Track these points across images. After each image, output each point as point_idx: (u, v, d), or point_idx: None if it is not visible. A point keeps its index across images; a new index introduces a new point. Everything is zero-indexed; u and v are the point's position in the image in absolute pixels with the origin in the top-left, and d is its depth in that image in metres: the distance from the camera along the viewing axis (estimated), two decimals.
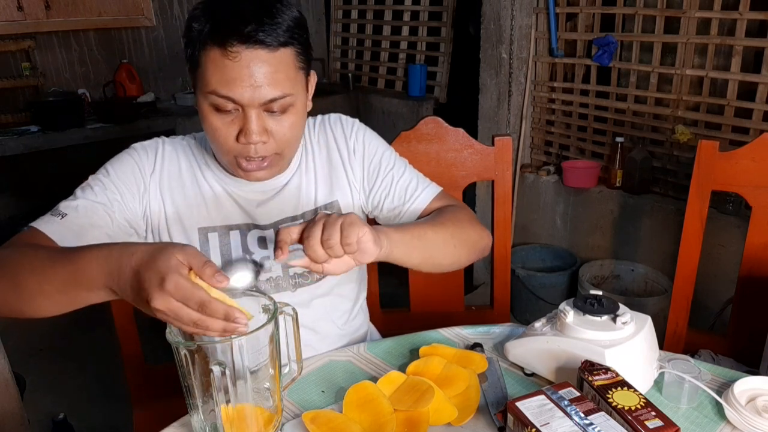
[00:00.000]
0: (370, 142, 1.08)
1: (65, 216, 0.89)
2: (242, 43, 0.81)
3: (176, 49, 3.43)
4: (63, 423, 1.79)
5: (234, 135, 0.88)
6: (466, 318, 1.43)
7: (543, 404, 0.73)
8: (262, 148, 0.89)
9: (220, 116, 0.87)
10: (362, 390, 0.85)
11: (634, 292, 2.36)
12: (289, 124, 0.90)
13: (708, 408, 0.84)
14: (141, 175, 0.97)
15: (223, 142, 0.89)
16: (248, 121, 0.85)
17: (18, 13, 2.70)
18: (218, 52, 0.82)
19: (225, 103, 0.85)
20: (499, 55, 2.58)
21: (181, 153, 1.02)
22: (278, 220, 1.02)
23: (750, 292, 1.31)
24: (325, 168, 1.06)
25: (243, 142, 0.87)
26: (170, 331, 0.70)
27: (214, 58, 0.83)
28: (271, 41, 0.82)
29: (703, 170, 1.28)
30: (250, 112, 0.85)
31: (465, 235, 0.99)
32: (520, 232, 2.74)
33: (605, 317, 0.86)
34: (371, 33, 3.45)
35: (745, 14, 1.89)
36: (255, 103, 0.85)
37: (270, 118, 0.88)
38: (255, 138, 0.86)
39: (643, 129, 2.28)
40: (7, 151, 2.61)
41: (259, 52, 0.82)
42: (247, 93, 0.83)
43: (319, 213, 0.78)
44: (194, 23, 0.85)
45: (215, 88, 0.84)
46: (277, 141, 0.90)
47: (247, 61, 0.82)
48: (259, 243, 1.01)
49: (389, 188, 1.07)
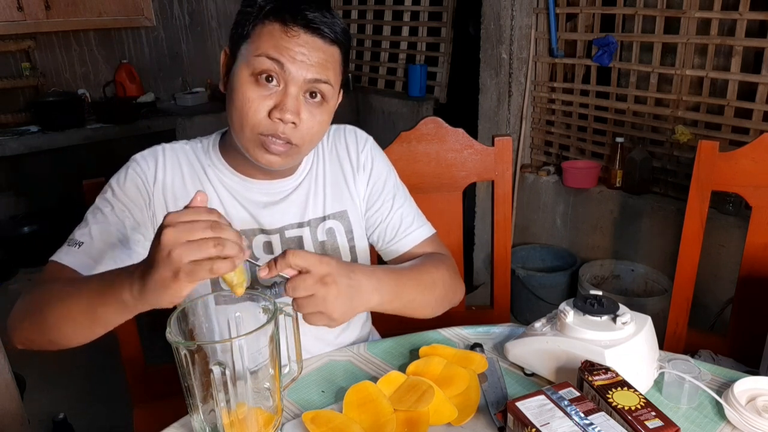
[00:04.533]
0: (379, 163, 1.09)
1: (81, 245, 0.91)
2: (303, 26, 0.85)
3: (176, 49, 3.43)
4: (63, 423, 1.79)
5: (267, 110, 0.87)
6: (466, 318, 1.43)
7: (543, 404, 0.73)
8: (290, 131, 0.88)
9: (258, 88, 0.86)
10: (362, 390, 0.85)
11: (634, 292, 2.36)
12: (319, 121, 0.91)
13: (708, 408, 0.84)
14: (145, 187, 0.97)
15: (253, 115, 0.87)
16: (287, 96, 0.86)
17: (18, 13, 2.70)
18: (278, 28, 0.85)
19: (272, 67, 0.85)
20: (499, 55, 2.58)
21: (183, 159, 1.00)
22: (284, 225, 1.01)
23: (750, 292, 1.31)
24: (336, 177, 1.06)
25: (276, 117, 0.86)
26: (170, 331, 0.70)
27: (272, 30, 0.85)
28: (328, 33, 0.87)
29: (703, 170, 1.28)
30: (291, 88, 0.86)
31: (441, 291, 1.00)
32: (520, 232, 2.74)
33: (605, 317, 0.86)
34: (371, 33, 3.45)
35: (745, 14, 1.89)
36: (300, 78, 0.86)
37: (306, 105, 0.89)
38: (288, 116, 0.86)
39: (643, 129, 2.28)
40: (7, 151, 2.61)
41: (316, 39, 0.86)
42: (296, 64, 0.85)
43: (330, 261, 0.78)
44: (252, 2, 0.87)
45: (267, 50, 0.85)
46: (302, 131, 0.89)
47: (304, 42, 0.86)
48: (264, 248, 1.00)
49: (386, 215, 1.07)
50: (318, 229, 1.02)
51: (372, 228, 1.09)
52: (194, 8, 3.45)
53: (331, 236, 1.03)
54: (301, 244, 1.01)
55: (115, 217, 0.93)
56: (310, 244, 1.02)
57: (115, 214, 0.94)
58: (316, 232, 1.02)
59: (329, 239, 1.03)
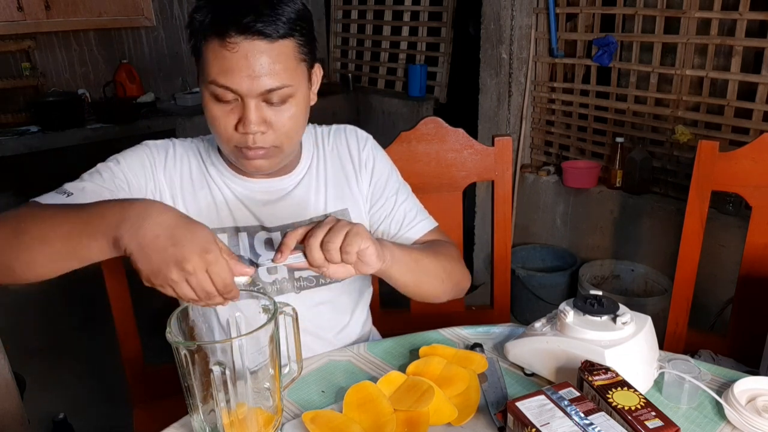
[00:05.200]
0: (380, 161, 1.10)
1: (71, 195, 0.88)
2: (240, 33, 0.82)
3: (176, 49, 3.43)
4: (63, 423, 1.79)
5: (233, 124, 0.88)
6: (466, 318, 1.43)
7: (543, 404, 0.73)
8: (260, 139, 0.89)
9: (220, 106, 0.88)
10: (362, 390, 0.85)
11: (634, 292, 2.36)
12: (289, 116, 0.89)
13: (708, 408, 0.84)
14: (152, 170, 0.98)
15: (223, 131, 0.89)
16: (247, 110, 0.86)
17: (18, 13, 2.70)
18: (217, 43, 0.83)
19: (224, 93, 0.86)
20: (499, 55, 2.58)
21: (192, 155, 1.02)
22: (286, 223, 1.01)
23: (750, 292, 1.31)
24: (338, 176, 1.06)
25: (241, 131, 0.88)
26: (170, 331, 0.70)
27: (213, 48, 0.84)
28: (271, 32, 0.83)
29: (703, 170, 1.28)
30: (248, 101, 0.86)
31: (453, 272, 1.03)
32: (520, 232, 2.74)
33: (605, 317, 0.86)
34: (371, 33, 3.45)
35: (745, 14, 1.89)
36: (253, 93, 0.85)
37: (269, 109, 0.88)
38: (253, 128, 0.86)
39: (643, 129, 2.28)
40: (7, 151, 2.61)
41: (258, 43, 0.83)
42: (245, 83, 0.84)
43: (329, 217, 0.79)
44: (196, 14, 0.86)
45: (215, 78, 0.85)
46: (276, 132, 0.89)
47: (245, 52, 0.82)
48: (266, 245, 1.00)
49: (390, 211, 1.09)
50: None
51: (377, 224, 1.10)
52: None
53: None
54: None
55: (112, 184, 0.93)
56: None
57: (114, 182, 0.93)
58: None
59: None
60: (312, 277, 1.03)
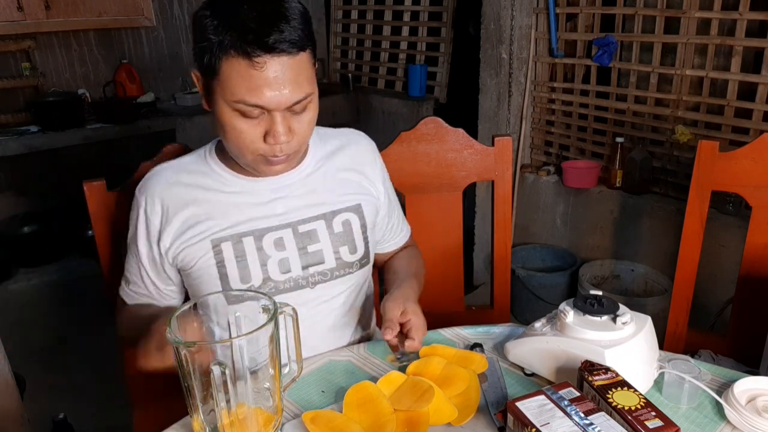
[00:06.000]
0: (383, 171, 1.15)
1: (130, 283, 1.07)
2: (267, 52, 0.84)
3: (176, 49, 3.43)
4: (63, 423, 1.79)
5: (260, 136, 0.91)
6: (466, 318, 1.43)
7: (543, 404, 0.73)
8: (286, 147, 0.92)
9: (246, 120, 0.89)
10: (363, 390, 0.85)
11: (634, 292, 2.36)
12: (308, 120, 0.94)
13: (708, 408, 0.84)
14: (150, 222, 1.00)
15: (249, 144, 0.91)
16: (275, 123, 0.89)
17: (18, 13, 2.70)
18: (243, 63, 0.84)
19: (251, 110, 0.88)
20: (499, 55, 2.58)
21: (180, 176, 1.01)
22: (296, 219, 1.02)
23: (750, 292, 1.31)
24: (350, 173, 1.09)
25: (271, 143, 0.90)
26: (170, 331, 0.70)
27: (238, 68, 0.85)
28: (293, 47, 0.85)
29: (703, 170, 1.28)
30: (276, 115, 0.88)
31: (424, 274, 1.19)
32: (520, 232, 2.74)
33: (605, 317, 0.86)
34: (371, 33, 3.45)
35: (745, 14, 1.89)
36: (281, 107, 0.88)
37: (293, 118, 0.91)
38: (282, 138, 0.90)
39: (643, 129, 2.28)
40: (7, 151, 2.61)
41: (283, 59, 0.85)
42: (274, 99, 0.86)
43: None
44: (209, 34, 0.85)
45: (243, 97, 0.86)
46: (298, 138, 0.93)
47: (272, 70, 0.85)
48: (276, 245, 1.00)
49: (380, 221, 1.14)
50: (333, 221, 1.04)
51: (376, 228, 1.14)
52: (194, 8, 3.41)
53: (347, 227, 1.05)
54: (315, 236, 1.02)
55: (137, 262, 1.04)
56: (326, 235, 1.03)
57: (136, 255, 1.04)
58: (332, 224, 1.04)
59: (345, 230, 1.05)
60: (327, 271, 1.04)
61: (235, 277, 0.98)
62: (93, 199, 1.17)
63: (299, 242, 1.01)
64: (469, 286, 2.84)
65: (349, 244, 1.05)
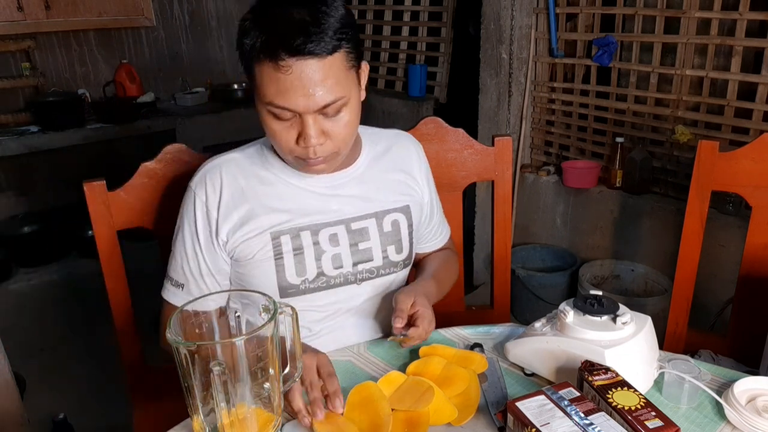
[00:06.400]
0: (429, 170, 1.17)
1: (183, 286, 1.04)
2: (292, 56, 0.84)
3: (176, 49, 3.43)
4: (63, 423, 1.79)
5: (293, 138, 0.92)
6: (466, 318, 1.43)
7: (543, 404, 0.73)
8: (320, 149, 0.93)
9: (279, 122, 0.92)
10: (365, 390, 0.85)
11: (634, 292, 2.36)
12: (345, 123, 0.93)
13: (708, 408, 0.84)
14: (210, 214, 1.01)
15: (284, 145, 0.93)
16: (306, 126, 0.90)
17: (18, 13, 2.70)
18: (271, 66, 0.86)
19: (282, 112, 0.90)
20: (499, 55, 2.58)
21: (236, 171, 1.03)
22: (348, 217, 1.04)
23: (750, 292, 1.31)
24: (399, 175, 1.11)
25: (302, 145, 0.92)
26: (170, 331, 0.70)
27: (267, 71, 0.87)
28: (321, 50, 0.85)
29: (703, 170, 1.28)
30: (306, 118, 0.89)
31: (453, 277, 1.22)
32: (520, 232, 2.74)
33: (605, 317, 0.86)
34: (371, 33, 3.45)
35: (745, 14, 1.89)
36: (310, 110, 0.89)
37: (326, 121, 0.91)
38: (313, 141, 0.91)
39: (643, 129, 2.28)
40: (7, 151, 2.61)
41: (310, 62, 0.85)
42: (301, 102, 0.87)
43: None
44: (245, 38, 0.88)
45: (272, 99, 0.88)
46: (334, 141, 0.94)
47: (299, 73, 0.85)
48: (330, 241, 1.03)
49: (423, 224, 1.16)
50: (384, 221, 1.07)
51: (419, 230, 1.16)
52: (194, 8, 3.44)
53: (395, 227, 1.08)
54: (366, 234, 1.05)
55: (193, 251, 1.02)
56: (376, 234, 1.06)
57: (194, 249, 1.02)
58: (382, 224, 1.06)
59: (393, 230, 1.07)
60: (374, 269, 1.06)
61: (291, 269, 1.00)
62: (93, 199, 1.17)
63: (351, 239, 1.04)
64: (469, 286, 2.84)
65: (396, 244, 1.07)
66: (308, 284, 1.02)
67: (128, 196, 1.21)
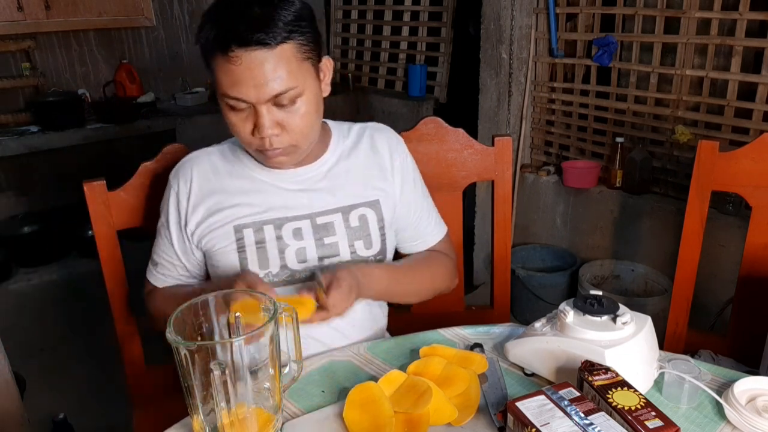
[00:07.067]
0: (409, 167, 1.15)
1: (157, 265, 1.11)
2: (241, 46, 0.86)
3: (176, 49, 3.43)
4: (63, 423, 1.79)
5: (250, 130, 0.94)
6: (466, 318, 1.42)
7: (543, 404, 0.73)
8: (276, 140, 0.94)
9: (236, 113, 0.94)
10: (366, 390, 0.85)
11: (634, 292, 2.36)
12: (301, 115, 0.94)
13: (708, 408, 0.84)
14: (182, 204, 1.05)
15: (243, 136, 0.96)
16: (259, 116, 0.92)
17: (18, 13, 2.70)
18: (223, 59, 0.88)
19: (237, 103, 0.92)
20: (499, 55, 2.58)
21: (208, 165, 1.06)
22: (314, 211, 1.05)
23: (750, 292, 1.31)
24: (371, 169, 1.10)
25: (258, 136, 0.94)
26: (170, 331, 0.70)
27: (221, 64, 0.89)
28: (269, 40, 0.87)
29: (703, 170, 1.28)
30: (260, 108, 0.91)
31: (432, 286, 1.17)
32: (520, 232, 2.74)
33: (605, 317, 0.86)
34: (371, 33, 3.45)
35: (745, 14, 1.89)
36: (261, 100, 0.90)
37: (280, 111, 0.93)
38: (267, 132, 0.92)
39: (643, 129, 2.28)
40: (7, 151, 2.61)
41: (258, 53, 0.87)
42: (252, 93, 0.89)
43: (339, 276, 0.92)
44: (201, 32, 0.91)
45: (226, 91, 0.91)
46: (290, 132, 0.95)
47: (248, 63, 0.87)
48: (294, 235, 1.04)
49: (409, 218, 1.14)
50: (350, 216, 1.06)
51: (395, 226, 1.14)
52: (194, 8, 3.44)
53: (363, 222, 1.07)
54: (332, 229, 1.05)
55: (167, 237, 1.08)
56: (342, 229, 1.05)
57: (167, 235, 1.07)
58: (348, 218, 1.06)
59: (361, 225, 1.07)
60: (341, 263, 1.05)
61: (254, 263, 1.02)
62: (93, 199, 1.18)
63: (316, 233, 1.04)
64: (469, 286, 2.84)
65: (365, 239, 1.07)
66: (272, 277, 1.03)
67: (128, 196, 1.21)
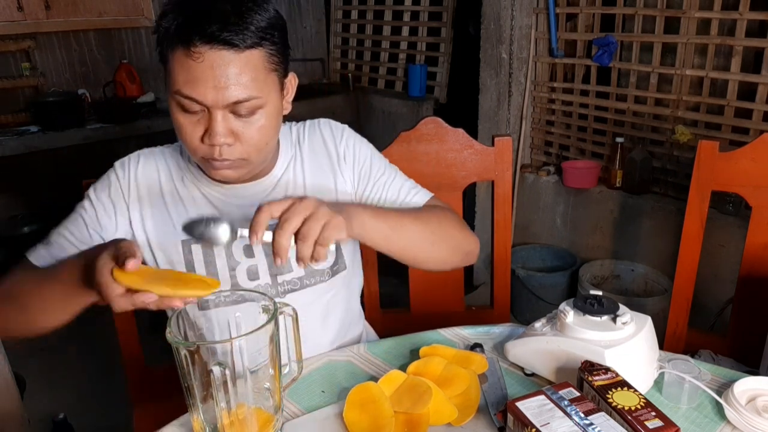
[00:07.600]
0: (360, 148, 1.07)
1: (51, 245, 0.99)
2: (206, 43, 0.79)
3: None
4: (63, 423, 1.79)
5: (199, 135, 0.86)
6: (466, 318, 1.43)
7: (543, 404, 0.73)
8: (227, 151, 0.86)
9: (187, 116, 0.86)
10: (366, 390, 0.85)
11: (634, 292, 2.36)
12: (258, 128, 0.87)
13: (708, 408, 0.84)
14: (120, 194, 0.98)
15: (190, 141, 0.87)
16: (213, 121, 0.83)
17: (18, 13, 2.70)
18: (183, 52, 0.80)
19: (190, 104, 0.84)
20: (499, 55, 2.58)
21: (161, 164, 1.00)
22: None
23: (750, 292, 1.31)
24: (317, 173, 1.04)
25: (207, 143, 0.85)
26: (170, 331, 0.70)
27: (178, 57, 0.81)
28: (238, 42, 0.80)
29: (703, 170, 1.28)
30: (215, 113, 0.83)
31: (446, 235, 0.99)
32: (520, 232, 2.74)
33: (605, 317, 0.86)
34: (371, 33, 3.45)
35: (745, 14, 1.89)
36: (219, 104, 0.82)
37: (237, 121, 0.85)
38: (220, 140, 0.84)
39: (643, 129, 2.28)
40: (7, 151, 2.61)
41: (224, 53, 0.80)
42: (210, 94, 0.81)
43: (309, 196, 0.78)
44: (162, 21, 0.83)
45: (180, 88, 0.83)
46: (243, 144, 0.87)
47: (211, 62, 0.80)
48: (245, 251, 0.99)
49: (382, 190, 1.06)
50: None
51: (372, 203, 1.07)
52: None
53: None
54: None
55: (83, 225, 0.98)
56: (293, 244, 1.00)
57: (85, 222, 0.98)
58: None
59: None
60: (296, 280, 1.01)
61: None
62: None
63: (267, 250, 0.97)
64: (469, 286, 2.84)
65: None
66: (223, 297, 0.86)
67: None
